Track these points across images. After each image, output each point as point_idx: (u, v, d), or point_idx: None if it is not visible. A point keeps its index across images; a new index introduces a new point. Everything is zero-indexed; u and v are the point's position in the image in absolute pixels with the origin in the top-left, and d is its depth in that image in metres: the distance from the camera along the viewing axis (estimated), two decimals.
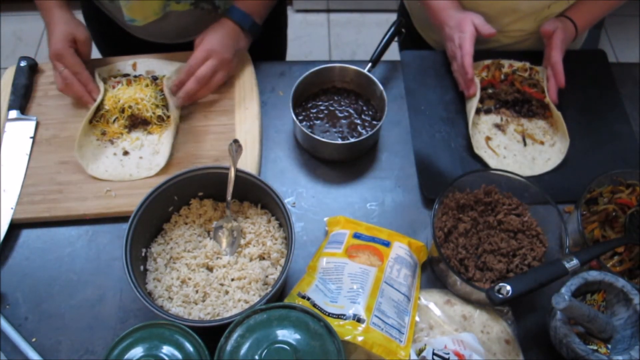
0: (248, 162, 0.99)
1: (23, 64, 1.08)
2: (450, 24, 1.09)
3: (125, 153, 1.01)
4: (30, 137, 1.02)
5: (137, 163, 1.00)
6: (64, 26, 1.02)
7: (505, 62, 1.13)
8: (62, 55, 1.00)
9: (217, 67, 1.03)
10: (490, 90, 1.10)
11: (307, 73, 1.03)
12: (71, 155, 0.99)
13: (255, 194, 0.90)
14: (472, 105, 1.06)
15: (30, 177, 0.98)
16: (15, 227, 0.94)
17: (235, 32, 1.06)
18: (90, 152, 1.00)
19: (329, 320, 0.75)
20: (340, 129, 1.03)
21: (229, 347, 0.69)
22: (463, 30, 1.07)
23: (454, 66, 1.10)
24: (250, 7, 1.08)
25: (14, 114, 1.03)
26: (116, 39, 1.10)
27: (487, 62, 1.13)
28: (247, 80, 1.10)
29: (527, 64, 1.12)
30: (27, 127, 1.03)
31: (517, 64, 1.13)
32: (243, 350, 0.68)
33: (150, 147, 1.02)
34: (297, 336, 0.69)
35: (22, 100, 1.05)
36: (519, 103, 1.10)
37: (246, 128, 1.04)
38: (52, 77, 1.07)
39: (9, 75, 1.09)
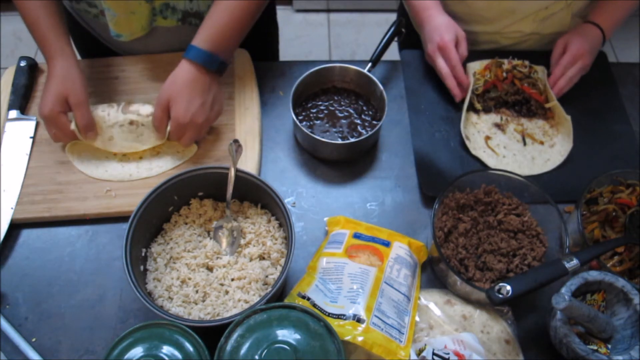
0: (248, 162, 0.99)
1: (23, 64, 1.08)
2: (433, 23, 1.08)
3: (124, 155, 1.01)
4: (30, 137, 1.02)
5: (136, 163, 1.00)
6: (59, 84, 0.93)
7: (505, 60, 1.13)
8: (54, 120, 0.93)
9: (192, 137, 0.96)
10: (492, 94, 1.10)
11: (307, 73, 1.03)
12: None
13: (255, 194, 0.90)
14: (463, 107, 1.07)
15: (31, 177, 0.98)
16: (15, 227, 0.94)
17: (201, 81, 0.94)
18: (90, 152, 1.00)
19: (329, 320, 0.75)
20: (340, 129, 1.03)
21: (229, 347, 0.69)
22: (448, 32, 1.06)
23: (441, 67, 1.08)
24: (210, 43, 0.95)
25: (14, 113, 1.03)
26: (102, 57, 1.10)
27: (487, 61, 1.13)
28: (247, 81, 1.10)
29: (527, 62, 1.12)
30: (27, 127, 1.03)
31: (517, 61, 1.13)
32: (243, 350, 0.68)
33: (150, 148, 1.02)
34: (297, 336, 0.69)
35: (22, 100, 1.05)
36: (519, 103, 1.10)
37: (246, 128, 1.04)
38: None
39: (8, 75, 1.09)
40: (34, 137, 1.02)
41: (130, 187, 0.97)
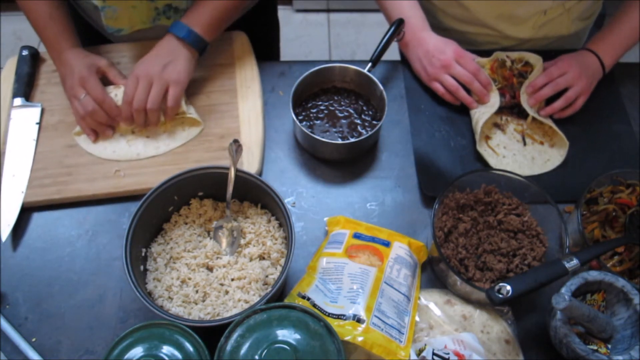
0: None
1: (25, 53, 1.09)
2: (438, 43, 1.09)
3: (132, 132, 1.02)
4: (37, 123, 1.03)
5: (144, 142, 1.01)
6: (84, 58, 1.00)
7: (506, 58, 1.13)
8: (85, 79, 0.97)
9: (147, 86, 0.95)
10: (502, 98, 1.09)
11: (307, 73, 1.03)
12: None
13: (255, 194, 0.90)
14: (487, 110, 1.05)
15: (39, 162, 0.99)
16: (26, 210, 0.95)
17: (171, 45, 0.99)
18: None
19: (329, 320, 0.75)
20: (340, 129, 1.03)
21: (229, 347, 0.69)
22: (450, 49, 1.07)
23: (451, 83, 1.08)
24: (194, 20, 1.00)
25: (18, 101, 1.04)
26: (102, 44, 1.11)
27: (486, 61, 1.13)
28: (247, 60, 1.10)
29: (524, 58, 1.12)
30: (32, 114, 1.04)
31: (514, 55, 1.11)
32: (243, 350, 0.69)
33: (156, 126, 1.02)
34: (297, 336, 0.69)
35: (25, 88, 1.06)
36: (517, 105, 1.10)
37: (249, 106, 1.05)
38: (54, 65, 1.05)
39: (10, 65, 1.10)
40: (40, 123, 1.03)
41: (138, 166, 0.99)
